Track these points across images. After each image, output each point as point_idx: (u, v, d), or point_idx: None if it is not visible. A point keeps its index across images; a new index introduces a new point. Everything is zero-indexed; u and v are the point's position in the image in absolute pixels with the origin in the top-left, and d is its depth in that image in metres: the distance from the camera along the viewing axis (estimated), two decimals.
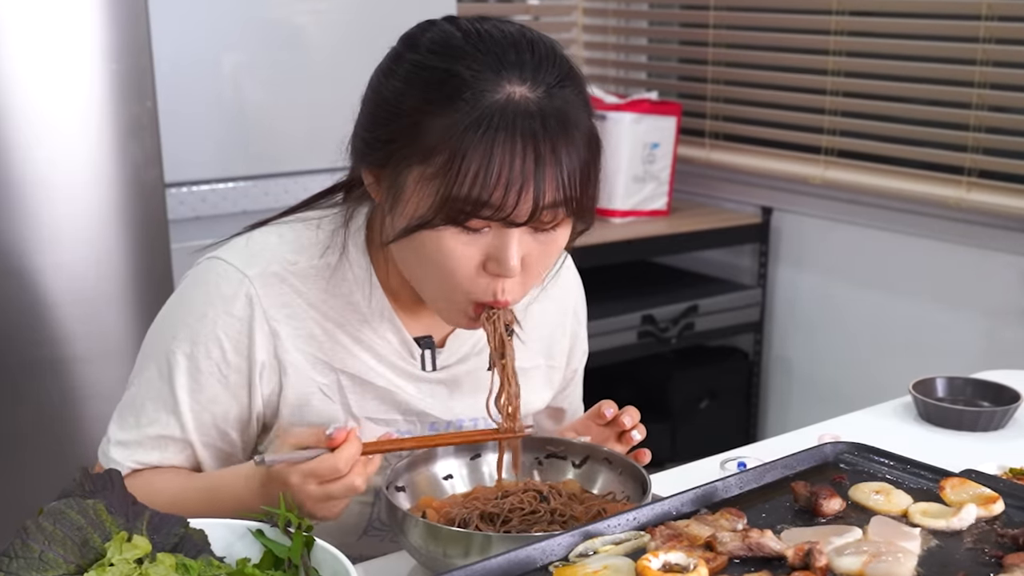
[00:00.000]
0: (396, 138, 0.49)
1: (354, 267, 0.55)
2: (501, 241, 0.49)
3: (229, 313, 0.53)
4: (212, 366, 0.54)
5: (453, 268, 0.49)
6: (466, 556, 0.48)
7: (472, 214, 0.47)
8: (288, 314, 0.54)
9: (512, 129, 0.46)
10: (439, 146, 0.47)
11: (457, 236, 0.49)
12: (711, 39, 1.61)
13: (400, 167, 0.49)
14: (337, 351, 0.55)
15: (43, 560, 0.43)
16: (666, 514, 0.48)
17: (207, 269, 0.54)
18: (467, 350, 0.58)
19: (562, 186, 0.48)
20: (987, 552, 0.46)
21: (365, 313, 0.55)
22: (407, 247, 0.51)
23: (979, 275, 1.35)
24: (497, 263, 0.49)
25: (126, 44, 0.91)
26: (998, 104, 1.31)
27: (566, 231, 0.52)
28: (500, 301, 0.51)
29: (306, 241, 0.55)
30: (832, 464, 0.55)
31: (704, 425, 1.54)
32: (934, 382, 0.78)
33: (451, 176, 0.46)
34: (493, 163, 0.46)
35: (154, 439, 0.55)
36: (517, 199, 0.47)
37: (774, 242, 1.58)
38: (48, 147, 0.90)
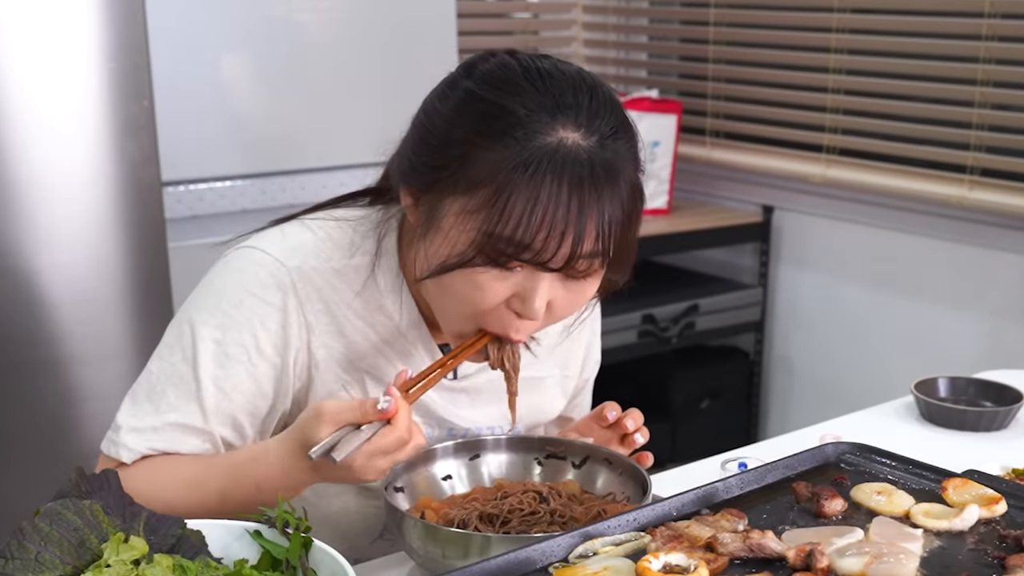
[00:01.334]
0: (443, 165, 0.48)
1: (386, 272, 0.55)
2: (531, 284, 0.48)
3: (267, 302, 0.52)
4: (242, 353, 0.52)
5: (480, 303, 0.49)
6: (465, 557, 0.48)
7: (512, 256, 0.47)
8: (323, 309, 0.53)
9: (560, 174, 0.46)
10: (485, 180, 0.46)
11: (490, 276, 0.48)
12: (712, 37, 1.60)
13: (443, 195, 0.48)
14: (365, 352, 0.55)
15: (39, 561, 0.43)
16: (666, 515, 0.48)
17: (244, 257, 0.53)
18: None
19: (602, 236, 0.47)
20: (989, 553, 0.46)
21: (395, 319, 0.55)
22: (439, 284, 0.50)
23: (981, 274, 1.34)
24: (522, 304, 0.49)
25: (123, 42, 0.91)
26: (1001, 102, 1.30)
27: (597, 281, 0.51)
28: (511, 338, 0.51)
29: (339, 241, 0.55)
30: (834, 464, 0.55)
31: (705, 425, 1.54)
32: (936, 382, 0.77)
33: (495, 214, 0.46)
34: (539, 206, 0.46)
35: (172, 426, 0.53)
36: (558, 245, 0.47)
37: (775, 241, 1.58)
38: (45, 146, 0.90)
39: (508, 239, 0.47)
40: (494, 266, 0.48)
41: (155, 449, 0.54)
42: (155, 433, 0.54)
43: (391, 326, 0.55)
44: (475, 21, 1.62)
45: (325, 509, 0.57)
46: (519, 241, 0.47)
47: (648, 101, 1.52)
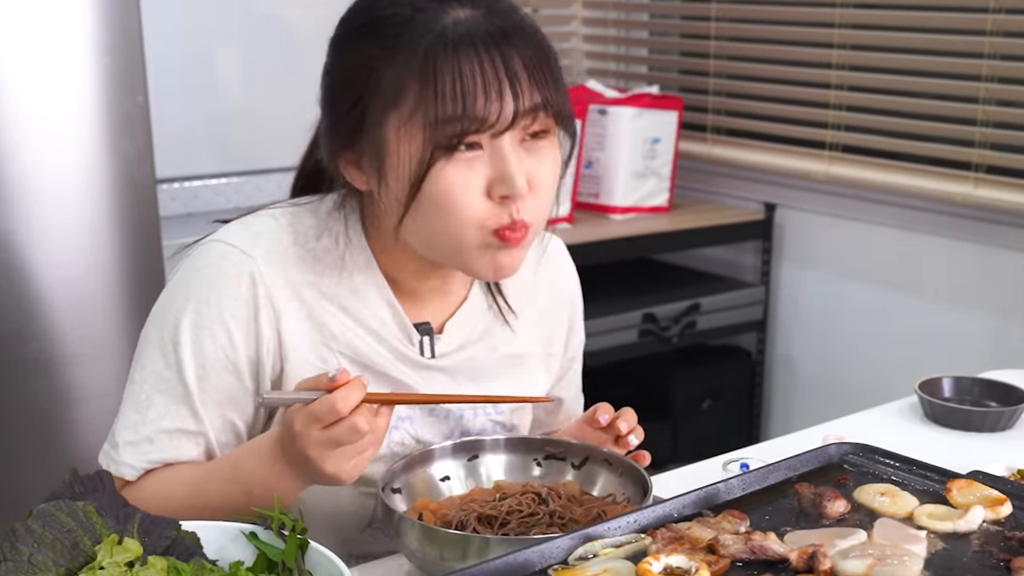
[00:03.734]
0: (361, 95, 0.48)
1: (353, 251, 0.54)
2: (499, 159, 0.48)
3: (235, 295, 0.52)
4: (218, 349, 0.52)
5: (461, 199, 0.48)
6: (463, 559, 0.47)
7: (463, 133, 0.47)
8: (290, 295, 0.53)
9: (471, 42, 0.47)
10: (405, 82, 0.47)
11: (455, 166, 0.48)
12: (713, 32, 1.59)
13: (376, 126, 0.48)
14: (338, 332, 0.54)
15: (32, 563, 0.42)
16: (667, 516, 0.48)
17: (208, 252, 0.53)
18: (464, 337, 0.57)
19: (536, 82, 0.48)
20: (994, 555, 0.46)
21: (365, 296, 0.54)
22: (420, 211, 0.49)
23: (986, 273, 1.33)
24: (503, 183, 0.48)
25: (117, 39, 0.90)
26: (1006, 98, 1.29)
27: (554, 143, 0.51)
28: (519, 221, 0.49)
29: (303, 225, 0.55)
30: (836, 465, 0.54)
31: (706, 425, 1.53)
32: (940, 382, 0.77)
33: (430, 104, 0.47)
34: (465, 76, 0.46)
35: (167, 433, 0.53)
36: (500, 104, 0.47)
37: (777, 239, 1.57)
38: (38, 143, 0.89)
39: (453, 118, 0.47)
40: (449, 150, 0.48)
41: (154, 461, 0.53)
42: (151, 444, 0.53)
43: (363, 305, 0.54)
44: None
45: (318, 499, 0.56)
46: (463, 115, 0.47)
47: (649, 97, 1.51)
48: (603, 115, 1.48)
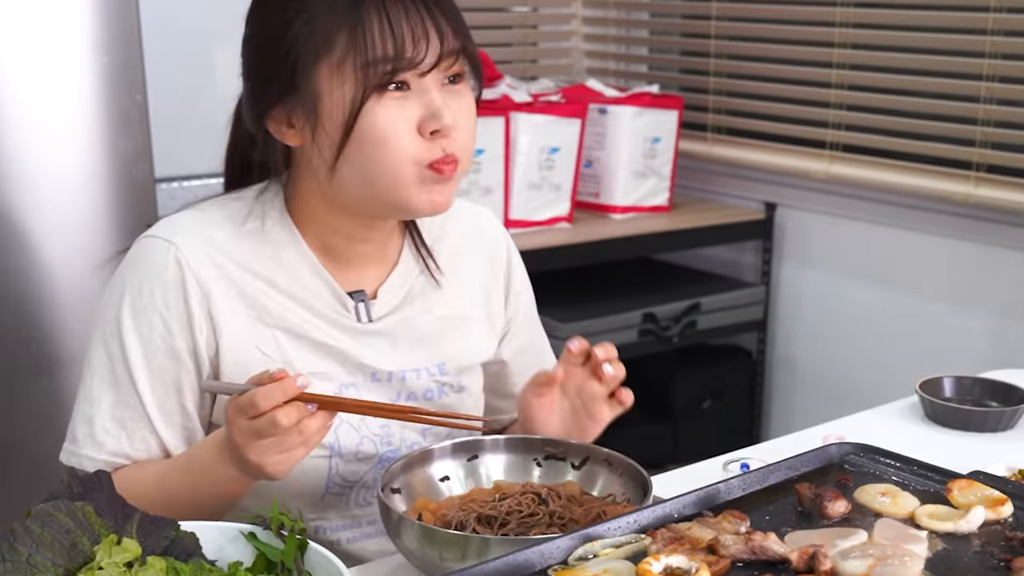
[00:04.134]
0: (290, 49, 0.51)
1: (278, 229, 0.57)
2: (426, 97, 0.52)
3: (163, 282, 0.54)
4: (157, 337, 0.54)
5: (394, 136, 0.51)
6: (463, 559, 0.47)
7: (393, 72, 0.51)
8: (218, 275, 0.55)
9: None
10: (334, 28, 0.50)
11: (385, 105, 0.51)
12: (713, 31, 1.59)
13: (309, 75, 0.51)
14: (271, 307, 0.56)
15: (31, 564, 0.42)
16: (667, 516, 0.47)
17: (137, 247, 0.56)
18: (399, 301, 0.59)
19: (455, 28, 0.52)
20: (995, 555, 0.46)
21: (295, 270, 0.56)
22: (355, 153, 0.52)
23: (987, 272, 1.33)
24: (433, 118, 0.52)
25: (116, 37, 0.90)
26: (1007, 97, 1.29)
27: (469, 92, 0.55)
28: (450, 155, 0.53)
29: (227, 213, 0.57)
30: (837, 465, 0.54)
31: (706, 425, 1.53)
32: (941, 382, 0.76)
33: (360, 47, 0.50)
34: (392, 19, 0.50)
35: (119, 422, 0.54)
36: (426, 43, 0.51)
37: (778, 239, 1.56)
38: (36, 142, 0.89)
39: (383, 58, 0.50)
40: (381, 89, 0.51)
41: (113, 452, 0.55)
42: (107, 434, 0.55)
43: (293, 279, 0.56)
44: (473, 15, 1.62)
45: None
46: (394, 54, 0.50)
47: (649, 96, 1.51)
48: (603, 114, 1.48)
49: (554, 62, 1.78)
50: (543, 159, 1.41)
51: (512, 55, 1.69)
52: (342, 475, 0.57)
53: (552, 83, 1.61)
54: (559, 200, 1.43)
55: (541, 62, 1.76)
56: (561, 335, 1.46)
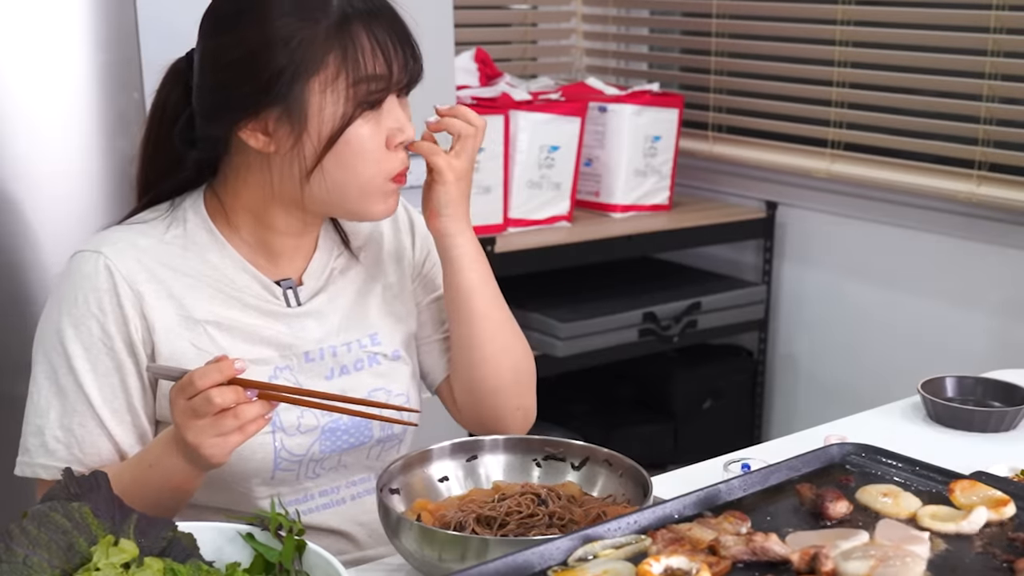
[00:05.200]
0: (285, 65, 0.54)
1: (200, 233, 0.60)
2: (395, 111, 0.57)
3: (95, 288, 0.57)
4: (96, 341, 0.56)
5: (372, 150, 0.56)
6: (462, 560, 0.47)
7: (383, 90, 0.55)
8: (147, 278, 0.58)
9: (371, 11, 0.55)
10: (326, 48, 0.54)
11: (368, 121, 0.56)
12: (714, 29, 1.58)
13: (299, 89, 0.54)
14: (200, 304, 0.58)
15: (27, 565, 0.42)
16: (668, 517, 0.47)
17: (68, 264, 0.59)
18: (323, 283, 0.62)
19: (416, 56, 0.57)
20: (998, 556, 0.45)
21: (221, 268, 0.59)
22: (333, 163, 0.56)
23: (990, 271, 1.32)
24: (401, 132, 0.57)
25: (112, 34, 0.89)
26: (1010, 96, 1.28)
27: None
28: (407, 166, 0.58)
29: (147, 227, 0.60)
30: (838, 466, 0.54)
31: (707, 426, 1.52)
32: (943, 381, 0.76)
33: (352, 64, 0.54)
34: (378, 39, 0.55)
35: (67, 430, 0.56)
36: (404, 63, 0.56)
37: (779, 238, 1.56)
38: (32, 140, 0.88)
39: (373, 77, 0.55)
40: (370, 107, 0.55)
41: (65, 459, 0.56)
42: (57, 441, 0.56)
43: (219, 275, 0.59)
44: (472, 13, 1.61)
45: None
46: (382, 74, 0.55)
47: (649, 95, 1.50)
48: (603, 112, 1.47)
49: (554, 60, 1.78)
50: (543, 158, 1.40)
51: (511, 53, 1.69)
52: (288, 450, 0.58)
53: (552, 81, 1.61)
54: (559, 199, 1.43)
55: (541, 60, 1.76)
56: (561, 335, 1.46)
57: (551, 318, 1.35)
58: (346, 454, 0.60)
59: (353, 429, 0.59)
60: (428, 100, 0.75)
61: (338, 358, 0.60)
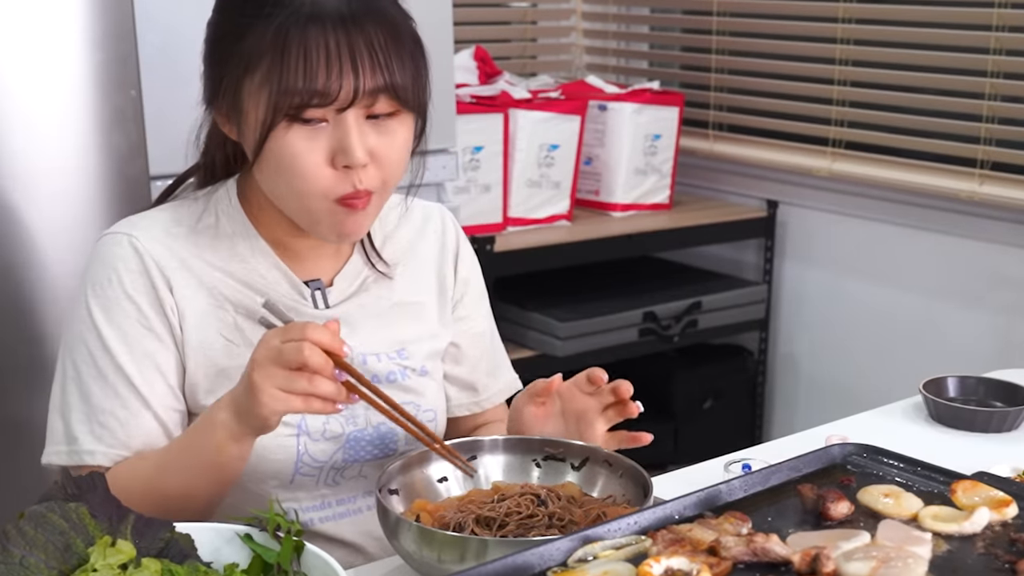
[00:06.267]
0: (224, 60, 0.53)
1: (233, 223, 0.58)
2: (341, 131, 0.52)
3: (128, 269, 0.56)
4: (133, 322, 0.56)
5: (301, 164, 0.53)
6: (461, 561, 0.47)
7: (304, 104, 0.51)
8: (176, 265, 0.57)
9: (322, 20, 0.51)
10: (259, 52, 0.51)
11: (299, 134, 0.52)
12: (715, 27, 1.58)
13: (236, 88, 0.53)
14: (229, 294, 0.58)
15: (24, 566, 0.42)
16: (668, 518, 0.47)
17: (98, 246, 0.58)
18: (356, 288, 0.61)
19: (380, 68, 0.52)
20: (1000, 557, 0.45)
21: (251, 262, 0.58)
22: (265, 167, 0.54)
23: (992, 271, 1.32)
24: (343, 153, 0.52)
25: (110, 31, 0.89)
26: (1012, 94, 1.28)
27: (405, 127, 0.55)
28: (361, 191, 0.53)
29: (182, 212, 0.59)
30: (840, 466, 0.54)
31: (708, 426, 1.52)
32: (945, 381, 0.76)
33: (275, 73, 0.51)
34: (311, 51, 0.51)
35: (113, 414, 0.55)
36: (340, 82, 0.51)
37: (780, 237, 1.56)
38: (28, 139, 0.88)
39: (295, 90, 0.51)
40: (291, 120, 0.52)
41: (114, 445, 0.55)
42: (104, 427, 0.55)
43: (248, 268, 0.58)
44: (471, 11, 1.60)
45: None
46: (305, 88, 0.51)
47: (649, 93, 1.50)
48: (603, 111, 1.47)
49: (553, 58, 1.77)
50: (542, 156, 1.40)
51: (511, 51, 1.68)
52: (311, 455, 0.58)
53: (551, 79, 1.60)
54: (558, 198, 1.43)
55: (540, 58, 1.75)
56: (561, 334, 1.46)
57: (550, 317, 1.34)
58: (367, 465, 0.59)
59: (378, 440, 0.59)
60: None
61: (368, 366, 0.59)
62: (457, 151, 1.20)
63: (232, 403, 0.51)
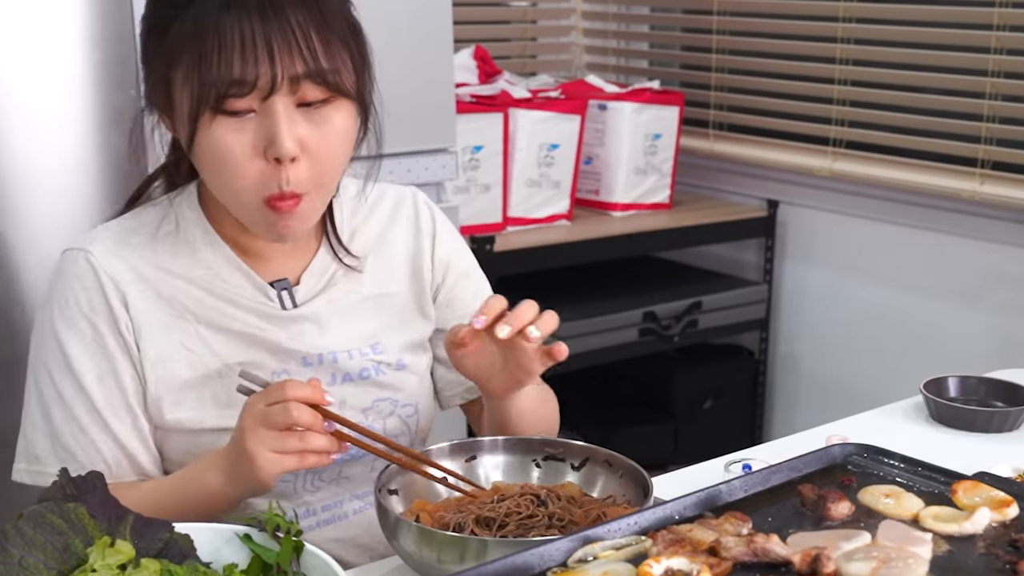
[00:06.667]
0: (153, 55, 0.52)
1: (192, 228, 0.58)
2: (269, 121, 0.50)
3: (83, 287, 0.56)
4: (90, 341, 0.56)
5: (230, 159, 0.51)
6: (461, 562, 0.47)
7: (225, 95, 0.50)
8: (133, 278, 0.56)
9: (239, 7, 0.49)
10: (181, 43, 0.50)
11: (225, 126, 0.51)
12: (715, 26, 1.58)
13: (167, 82, 0.52)
14: (190, 304, 0.57)
15: (23, 566, 0.42)
16: (668, 518, 0.47)
17: (58, 263, 0.58)
18: (324, 284, 0.59)
19: (301, 54, 0.50)
20: (1001, 558, 0.45)
21: (213, 267, 0.57)
22: (200, 163, 0.53)
23: (993, 270, 1.32)
24: (271, 144, 0.50)
25: (109, 32, 0.89)
26: (1013, 93, 1.27)
27: (342, 115, 0.52)
28: (287, 192, 0.51)
29: (143, 220, 0.58)
30: (840, 466, 0.54)
31: (708, 426, 1.52)
32: (946, 381, 0.76)
33: (195, 64, 0.50)
34: (226, 40, 0.49)
35: (74, 436, 0.55)
36: (256, 69, 0.49)
37: (780, 236, 1.55)
38: (27, 138, 0.88)
39: (214, 80, 0.49)
40: (217, 112, 0.50)
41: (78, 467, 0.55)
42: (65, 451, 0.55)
43: (211, 274, 0.57)
44: (471, 10, 1.60)
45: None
46: (223, 78, 0.49)
47: (649, 92, 1.50)
48: (603, 110, 1.47)
49: (553, 57, 1.77)
50: (542, 156, 1.40)
51: (511, 50, 1.68)
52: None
53: (551, 79, 1.60)
54: (558, 197, 1.42)
55: (540, 57, 1.75)
56: (561, 334, 1.45)
57: None
58: (346, 466, 0.59)
59: None
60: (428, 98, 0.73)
61: (339, 364, 0.58)
62: (457, 151, 1.20)
63: (225, 468, 0.51)
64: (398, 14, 1.16)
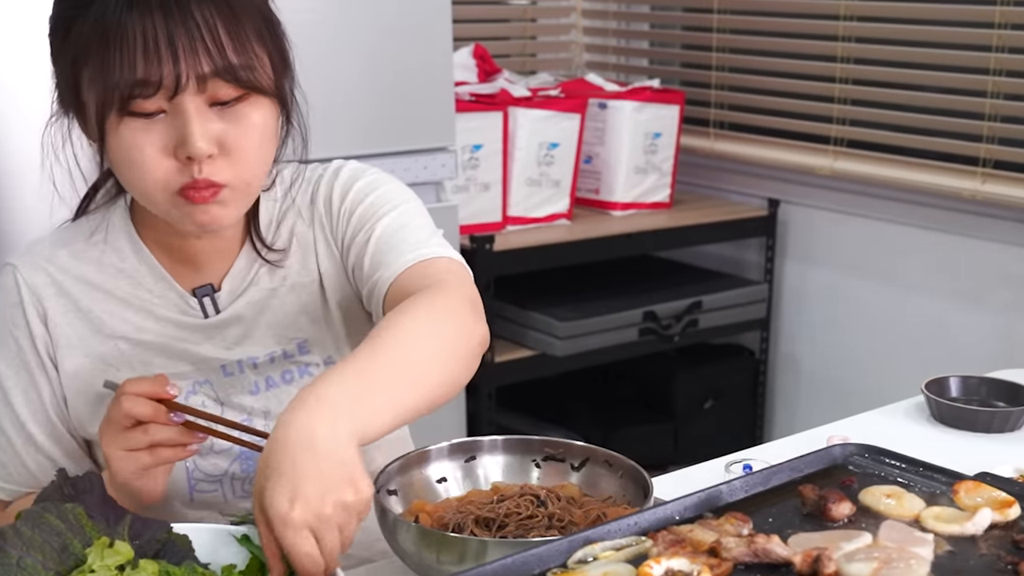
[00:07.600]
0: (59, 55, 0.51)
1: (121, 238, 0.57)
2: (180, 120, 0.49)
3: (8, 303, 0.56)
4: (14, 357, 0.56)
5: (139, 158, 0.49)
6: (460, 562, 0.47)
7: (130, 96, 0.48)
8: (54, 292, 0.56)
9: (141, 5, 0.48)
10: (86, 44, 0.49)
11: (133, 126, 0.49)
12: (716, 24, 1.58)
13: (75, 83, 0.50)
14: (110, 319, 0.56)
15: (21, 567, 0.42)
16: (668, 519, 0.47)
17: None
18: (244, 286, 0.58)
19: (207, 51, 0.48)
20: (1002, 558, 0.45)
21: (137, 277, 0.56)
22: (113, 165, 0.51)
23: (995, 270, 1.31)
24: (182, 144, 0.49)
25: None
26: (1015, 92, 1.27)
27: (260, 112, 0.51)
28: (201, 180, 0.50)
29: (79, 230, 0.58)
30: (841, 466, 0.54)
31: (708, 426, 1.51)
32: (947, 381, 0.75)
33: (99, 66, 0.48)
34: (127, 38, 0.47)
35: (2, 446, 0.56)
36: (160, 69, 0.48)
37: (781, 236, 1.55)
38: (28, 139, 0.88)
39: (118, 82, 0.48)
40: (124, 114, 0.49)
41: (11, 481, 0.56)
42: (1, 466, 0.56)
43: (136, 285, 0.56)
44: (471, 8, 1.60)
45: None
46: (127, 79, 0.48)
47: (650, 91, 1.49)
48: (603, 109, 1.47)
49: (553, 56, 1.76)
50: (542, 155, 1.39)
51: (510, 49, 1.67)
52: (202, 470, 0.56)
53: (551, 77, 1.60)
54: (558, 196, 1.42)
55: (540, 56, 1.74)
56: (560, 334, 1.45)
57: (550, 317, 1.34)
58: None
59: None
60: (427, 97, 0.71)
61: (260, 370, 0.56)
62: (456, 149, 1.19)
63: (110, 481, 0.50)
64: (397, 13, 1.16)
